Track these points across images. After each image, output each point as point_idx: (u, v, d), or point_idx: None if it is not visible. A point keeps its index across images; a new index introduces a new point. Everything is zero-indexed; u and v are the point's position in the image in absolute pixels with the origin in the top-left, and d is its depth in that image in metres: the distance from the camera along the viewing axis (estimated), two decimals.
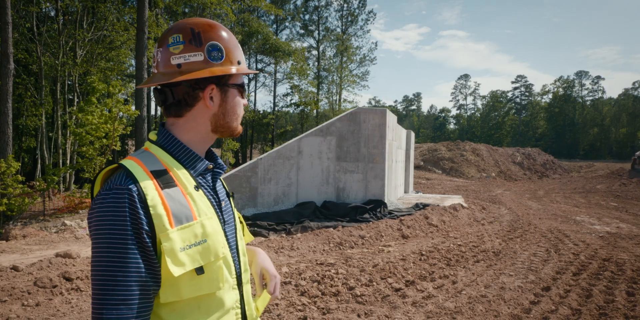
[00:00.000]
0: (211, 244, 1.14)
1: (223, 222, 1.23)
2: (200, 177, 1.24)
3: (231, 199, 1.35)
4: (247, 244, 1.60)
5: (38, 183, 14.17)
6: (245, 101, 1.31)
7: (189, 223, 1.11)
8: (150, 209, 1.07)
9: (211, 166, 1.26)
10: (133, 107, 15.92)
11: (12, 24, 14.21)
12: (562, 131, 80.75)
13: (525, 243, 8.68)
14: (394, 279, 5.93)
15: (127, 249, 1.03)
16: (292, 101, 37.57)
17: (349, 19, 43.64)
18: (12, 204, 12.27)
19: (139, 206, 1.06)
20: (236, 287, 1.24)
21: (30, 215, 13.21)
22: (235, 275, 1.24)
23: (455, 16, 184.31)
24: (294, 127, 39.58)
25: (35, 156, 21.93)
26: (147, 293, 1.06)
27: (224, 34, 1.23)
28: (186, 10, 27.06)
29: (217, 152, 33.07)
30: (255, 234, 9.33)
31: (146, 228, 1.06)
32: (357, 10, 43.43)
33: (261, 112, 39.72)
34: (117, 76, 24.41)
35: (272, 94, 40.48)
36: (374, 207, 10.95)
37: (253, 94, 41.05)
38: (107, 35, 22.25)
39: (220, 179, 1.33)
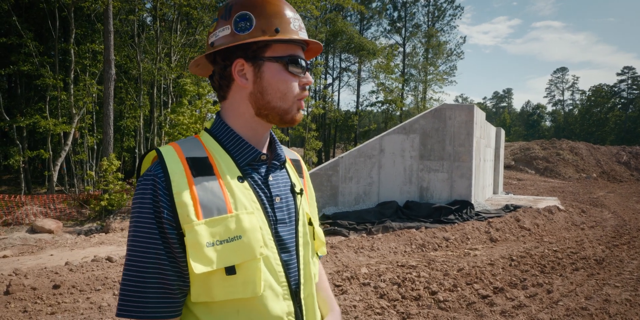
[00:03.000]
0: (247, 241, 0.99)
1: (273, 221, 1.08)
2: (250, 168, 1.10)
3: (299, 196, 1.16)
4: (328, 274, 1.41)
5: (135, 180, 15.17)
6: (306, 79, 1.11)
7: (221, 216, 0.99)
8: (175, 196, 0.97)
9: (264, 157, 1.12)
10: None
11: (113, 32, 15.35)
12: None
13: (633, 251, 7.77)
14: (481, 285, 5.53)
15: (149, 239, 0.97)
16: (378, 99, 37.24)
17: (436, 14, 42.38)
18: (112, 199, 13.26)
19: (161, 193, 0.97)
20: (289, 297, 1.06)
21: (128, 210, 14.19)
22: (286, 284, 1.06)
23: (550, 6, 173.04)
24: (377, 126, 39.22)
25: (134, 155, 23.62)
26: (167, 288, 0.97)
27: (262, 1, 1.07)
28: None
29: (299, 151, 33.66)
30: (335, 233, 9.25)
31: (168, 217, 0.96)
32: (444, 5, 42.05)
33: (344, 112, 39.79)
34: (207, 79, 25.58)
35: (356, 93, 40.28)
36: (460, 208, 10.43)
37: (337, 93, 41.22)
38: (199, 39, 23.40)
39: (289, 173, 1.19)
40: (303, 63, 1.10)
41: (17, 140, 19.70)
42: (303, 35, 1.10)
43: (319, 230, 1.23)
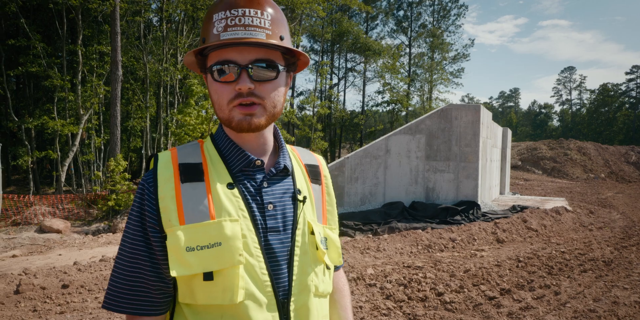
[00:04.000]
0: (226, 248, 0.98)
1: (263, 229, 1.04)
2: (243, 174, 1.08)
3: (301, 204, 1.10)
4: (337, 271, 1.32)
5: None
6: (239, 84, 1.00)
7: (203, 222, 0.99)
8: (160, 201, 1.01)
9: (259, 162, 1.08)
10: None
11: (120, 34, 15.43)
12: None
13: None
14: (488, 286, 5.52)
15: (133, 240, 1.02)
16: (384, 99, 37.20)
17: (441, 13, 42.26)
18: (119, 200, 13.33)
19: (148, 197, 1.02)
20: (274, 308, 1.02)
21: None
22: (272, 293, 1.02)
23: (557, 4, 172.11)
24: (383, 126, 39.16)
25: (141, 155, 23.73)
26: (147, 288, 1.02)
27: (212, 8, 1.04)
28: None
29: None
30: (341, 233, 9.25)
31: (152, 221, 1.01)
32: (449, 4, 41.92)
33: (350, 112, 39.76)
34: None
35: (362, 93, 40.25)
36: (466, 209, 10.40)
37: (342, 93, 41.20)
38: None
39: (295, 179, 1.13)
40: (231, 68, 1.01)
41: (25, 140, 19.87)
42: (230, 35, 1.00)
43: (336, 239, 1.18)
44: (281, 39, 1.05)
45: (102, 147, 21.98)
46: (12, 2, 17.90)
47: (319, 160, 1.27)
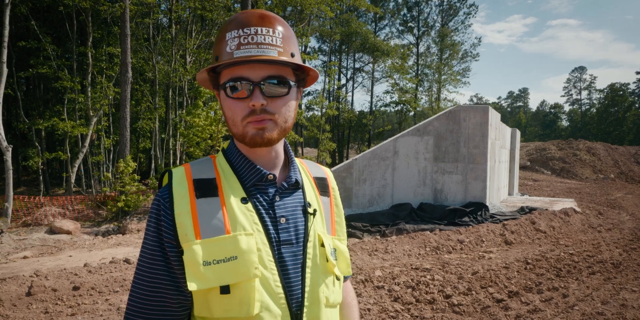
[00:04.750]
0: (242, 262, 1.01)
1: (276, 242, 1.07)
2: (256, 189, 1.10)
3: (312, 217, 1.13)
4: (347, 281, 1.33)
5: (151, 181, 15.36)
6: (253, 100, 1.03)
7: (219, 236, 1.02)
8: (176, 217, 1.03)
9: (271, 176, 1.11)
10: None
11: (130, 36, 15.55)
12: None
13: None
14: (495, 289, 5.51)
15: (152, 256, 1.04)
16: (393, 99, 37.13)
17: (450, 12, 42.10)
18: (129, 201, 13.44)
19: (164, 213, 1.04)
20: None
21: (144, 211, 14.36)
22: (285, 306, 1.04)
23: (566, 4, 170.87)
24: (391, 127, 39.09)
25: (150, 156, 23.89)
26: (168, 302, 1.04)
27: (227, 25, 1.07)
28: (284, 13, 27.84)
29: (313, 152, 33.66)
30: (349, 235, 9.27)
31: (169, 236, 1.03)
32: (457, 4, 41.75)
33: (357, 112, 39.74)
34: None
35: (370, 93, 40.20)
36: (474, 210, 10.38)
37: (350, 94, 41.18)
38: (214, 41, 23.59)
39: (305, 192, 1.16)
40: (244, 85, 1.04)
41: (35, 142, 20.07)
42: (243, 53, 1.03)
43: (345, 250, 1.20)
44: (292, 55, 1.08)
45: (112, 148, 22.14)
46: (23, 4, 18.10)
47: (326, 172, 1.29)
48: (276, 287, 1.04)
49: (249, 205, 1.07)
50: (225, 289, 1.00)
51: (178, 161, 21.66)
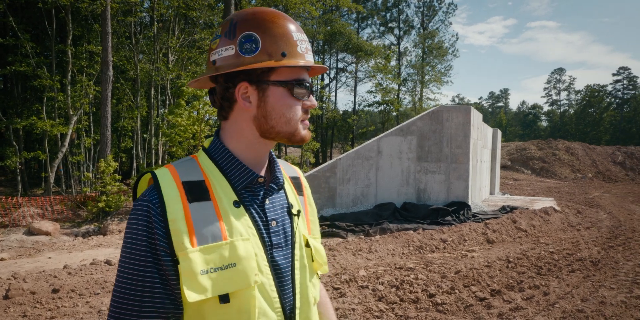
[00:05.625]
0: (241, 269, 0.97)
1: (269, 246, 1.05)
2: (247, 191, 1.07)
3: (296, 218, 1.12)
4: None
5: (132, 181, 15.16)
6: (310, 102, 1.08)
7: (216, 243, 0.97)
8: (170, 223, 0.95)
9: (262, 179, 1.08)
10: None
11: (111, 34, 15.32)
12: None
13: (629, 252, 7.84)
14: (478, 288, 5.58)
15: (142, 266, 0.94)
16: (375, 99, 37.28)
17: (429, 13, 42.46)
18: (110, 201, 13.24)
19: (156, 220, 0.95)
20: None
21: (125, 211, 14.18)
22: (280, 309, 1.03)
23: (545, 6, 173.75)
24: (375, 127, 39.25)
25: (131, 156, 23.59)
26: (162, 315, 0.95)
27: (270, 21, 1.03)
28: None
29: (297, 152, 33.63)
30: (333, 234, 9.29)
31: (162, 244, 0.94)
32: (435, 4, 42.13)
33: (341, 112, 39.81)
34: None
35: (353, 93, 40.32)
36: (457, 210, 10.48)
37: (334, 93, 41.26)
38: (197, 39, 23.38)
39: (286, 193, 1.15)
40: (307, 86, 1.07)
41: (13, 141, 19.65)
42: (309, 58, 1.07)
43: (321, 248, 1.20)
44: None
45: (92, 147, 21.81)
46: (0, 0, 17.71)
47: (298, 172, 1.29)
48: (271, 292, 1.02)
49: (242, 209, 1.03)
50: (224, 298, 0.95)
51: (160, 161, 21.43)
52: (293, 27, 1.05)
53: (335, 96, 41.74)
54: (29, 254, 8.65)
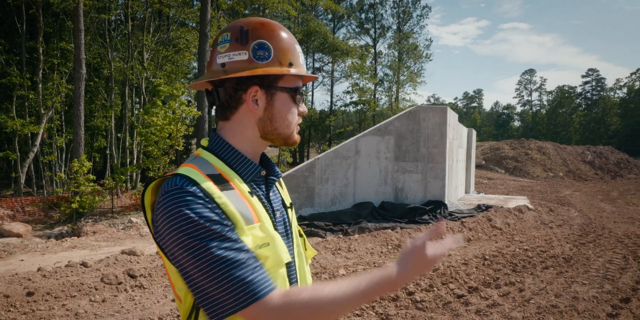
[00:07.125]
0: (274, 248, 1.06)
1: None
2: (253, 184, 1.15)
3: (290, 210, 1.25)
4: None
5: (107, 182, 14.89)
6: (302, 108, 1.20)
7: (254, 224, 1.05)
8: (222, 206, 1.00)
9: (264, 173, 1.17)
10: (195, 109, 16.40)
11: (84, 31, 15.01)
12: (638, 128, 75.29)
13: (599, 249, 8.09)
14: (456, 285, 5.68)
15: (235, 242, 0.98)
16: (352, 99, 37.41)
17: (404, 16, 42.80)
18: (84, 202, 12.97)
19: (211, 206, 0.99)
20: None
21: (100, 212, 13.93)
22: None
23: (517, 8, 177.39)
24: (352, 127, 39.39)
25: (105, 156, 23.14)
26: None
27: (277, 33, 1.14)
28: (247, 11, 27.51)
29: (274, 151, 33.55)
30: (312, 234, 9.31)
31: (231, 224, 1.00)
32: (410, 7, 42.52)
33: (318, 111, 39.82)
34: (181, 79, 25.27)
35: (330, 93, 40.43)
36: (434, 208, 10.63)
37: (310, 93, 41.24)
38: (172, 38, 23.07)
39: (277, 188, 1.25)
40: (302, 95, 1.20)
41: None
42: (305, 68, 1.20)
43: (306, 241, 1.31)
44: None
45: (65, 147, 21.31)
46: None
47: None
48: (289, 273, 1.14)
49: (255, 198, 1.11)
50: None
51: (135, 160, 21.07)
52: (295, 40, 1.19)
53: (312, 96, 41.66)
54: (0, 256, 8.41)
